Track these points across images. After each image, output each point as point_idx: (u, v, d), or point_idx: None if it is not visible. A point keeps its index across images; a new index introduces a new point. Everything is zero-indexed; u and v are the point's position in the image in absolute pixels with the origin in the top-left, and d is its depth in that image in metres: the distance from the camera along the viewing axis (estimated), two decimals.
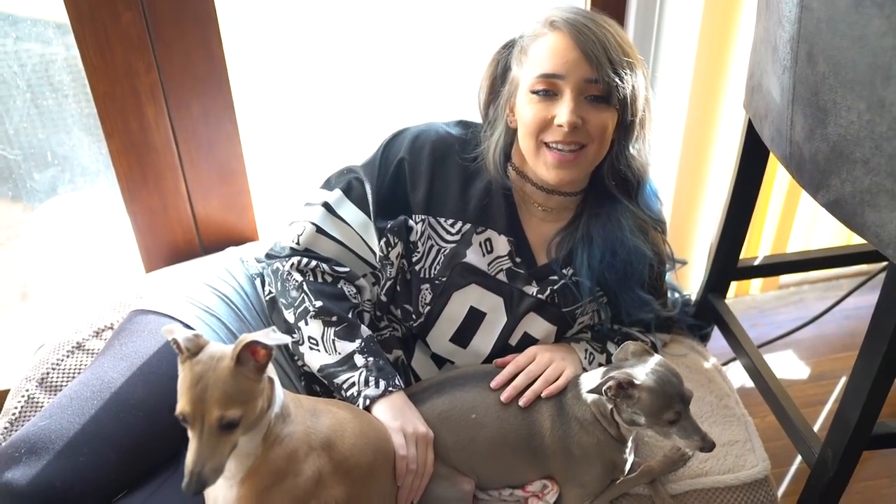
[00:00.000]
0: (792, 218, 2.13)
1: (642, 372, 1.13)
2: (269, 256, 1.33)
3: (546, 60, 1.19)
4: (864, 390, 1.20)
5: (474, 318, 1.30)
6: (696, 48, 1.70)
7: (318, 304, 1.23)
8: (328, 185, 1.33)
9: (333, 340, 1.22)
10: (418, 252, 1.28)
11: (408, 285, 1.29)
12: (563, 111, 1.17)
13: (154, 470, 1.17)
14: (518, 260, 1.31)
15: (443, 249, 1.28)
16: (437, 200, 1.28)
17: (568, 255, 1.32)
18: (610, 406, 1.16)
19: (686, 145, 1.82)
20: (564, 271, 1.32)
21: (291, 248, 1.29)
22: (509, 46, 1.28)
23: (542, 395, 1.23)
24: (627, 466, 1.24)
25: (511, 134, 1.29)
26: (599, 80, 1.17)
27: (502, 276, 1.30)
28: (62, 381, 1.34)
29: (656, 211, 1.37)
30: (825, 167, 1.14)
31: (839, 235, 2.20)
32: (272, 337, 0.92)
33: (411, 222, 1.27)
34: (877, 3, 0.97)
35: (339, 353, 1.21)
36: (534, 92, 1.20)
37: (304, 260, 1.27)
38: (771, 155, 1.47)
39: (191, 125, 1.56)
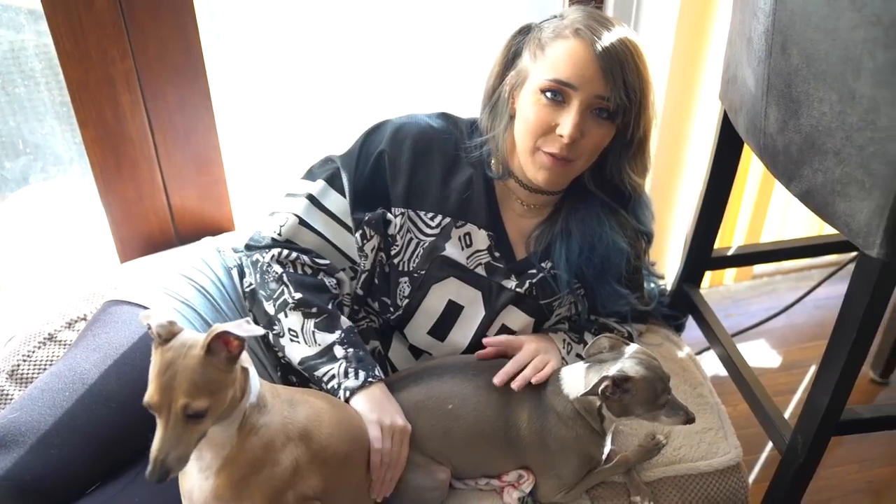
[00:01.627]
0: (765, 208, 2.15)
1: (629, 364, 1.13)
2: (248, 248, 1.31)
3: (563, 66, 1.16)
4: (833, 377, 1.22)
5: (452, 312, 1.29)
6: (674, 40, 1.70)
7: (298, 295, 1.22)
8: (311, 175, 1.31)
9: (313, 332, 1.21)
10: (397, 245, 1.27)
11: (386, 278, 1.28)
12: (566, 123, 1.16)
13: (127, 462, 1.15)
14: (497, 254, 1.31)
15: (422, 243, 1.27)
16: (418, 193, 1.27)
17: (546, 248, 1.32)
18: (599, 402, 1.16)
19: (662, 136, 1.83)
20: (543, 264, 1.31)
21: (272, 239, 1.27)
22: (524, 32, 1.25)
23: (532, 380, 1.22)
24: (604, 457, 1.24)
25: (510, 123, 1.27)
26: (610, 99, 1.16)
27: (481, 270, 1.30)
28: (33, 373, 1.32)
29: (645, 223, 1.37)
30: (798, 158, 1.15)
31: (812, 226, 2.22)
32: (245, 328, 0.91)
33: (390, 216, 1.26)
34: None
35: (319, 345, 1.20)
36: (543, 91, 1.18)
37: (285, 252, 1.25)
38: (745, 146, 1.48)
39: (167, 114, 1.54)
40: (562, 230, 1.31)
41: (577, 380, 1.18)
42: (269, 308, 1.24)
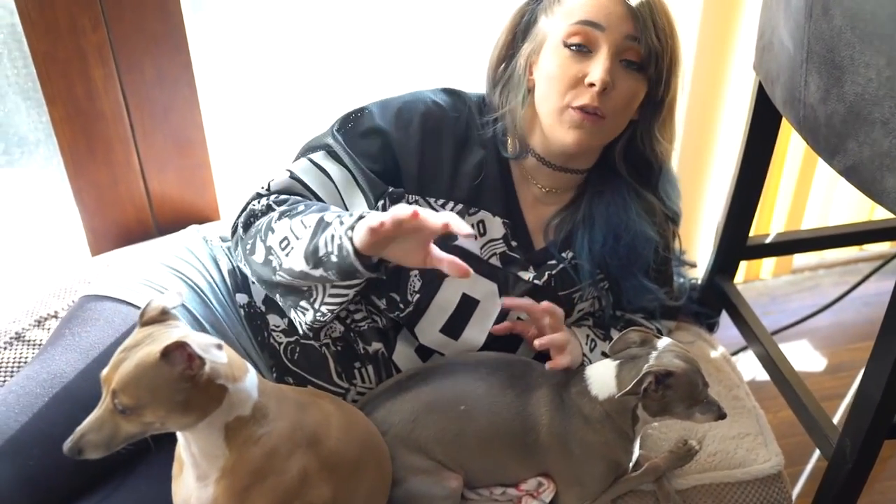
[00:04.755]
0: (807, 192, 2.17)
1: (668, 358, 1.16)
2: (233, 230, 1.29)
3: (588, 6, 1.20)
4: (885, 371, 1.25)
5: (467, 307, 1.32)
6: (703, 4, 1.73)
7: (282, 209, 1.20)
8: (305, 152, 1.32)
9: (301, 221, 1.15)
10: None
11: (395, 271, 1.31)
12: (596, 69, 1.19)
13: (108, 473, 1.18)
14: (514, 244, 1.34)
15: None
16: (428, 179, 1.29)
17: (567, 237, 1.35)
18: (635, 402, 1.19)
19: (691, 111, 1.86)
20: (563, 255, 1.35)
21: (257, 194, 1.26)
22: (536, 0, 1.29)
23: (547, 365, 1.25)
24: (632, 464, 1.28)
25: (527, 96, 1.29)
26: (641, 41, 1.20)
27: (496, 261, 1.33)
28: (1, 377, 1.35)
29: (674, 200, 1.41)
30: (841, 130, 1.18)
31: (860, 212, 2.24)
32: (212, 352, 0.91)
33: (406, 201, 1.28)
34: None
35: (309, 227, 1.13)
36: (567, 45, 1.21)
37: (272, 198, 1.24)
38: (784, 121, 1.51)
39: (144, 90, 1.57)
40: (584, 217, 1.34)
41: (606, 379, 1.21)
42: (259, 257, 1.18)
